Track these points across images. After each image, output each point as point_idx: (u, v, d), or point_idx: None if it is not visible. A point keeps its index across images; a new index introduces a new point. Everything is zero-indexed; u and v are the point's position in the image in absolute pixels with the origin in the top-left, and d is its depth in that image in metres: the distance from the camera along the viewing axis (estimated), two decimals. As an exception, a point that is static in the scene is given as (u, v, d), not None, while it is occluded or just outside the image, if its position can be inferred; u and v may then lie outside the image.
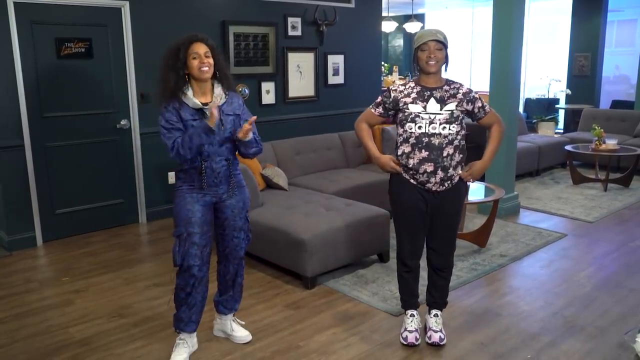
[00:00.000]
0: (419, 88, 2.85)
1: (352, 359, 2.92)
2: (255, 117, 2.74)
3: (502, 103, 5.21)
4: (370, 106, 3.01)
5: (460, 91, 2.87)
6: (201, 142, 2.65)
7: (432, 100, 2.81)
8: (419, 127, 2.79)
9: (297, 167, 5.32)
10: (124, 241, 4.85)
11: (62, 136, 4.79)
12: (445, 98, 2.82)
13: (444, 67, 2.85)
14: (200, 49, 2.68)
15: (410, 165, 2.83)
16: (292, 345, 3.06)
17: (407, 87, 2.89)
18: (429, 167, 2.80)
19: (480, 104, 2.90)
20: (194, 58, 2.66)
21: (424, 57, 2.77)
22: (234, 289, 3.03)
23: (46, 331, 3.25)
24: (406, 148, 2.84)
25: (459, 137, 2.83)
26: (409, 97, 2.84)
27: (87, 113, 4.91)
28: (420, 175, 2.82)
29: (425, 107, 2.80)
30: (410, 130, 2.81)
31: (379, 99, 2.97)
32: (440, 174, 2.81)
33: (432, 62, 2.76)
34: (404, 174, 2.88)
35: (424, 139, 2.79)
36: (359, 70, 6.91)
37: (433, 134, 2.78)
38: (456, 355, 2.94)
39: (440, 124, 2.78)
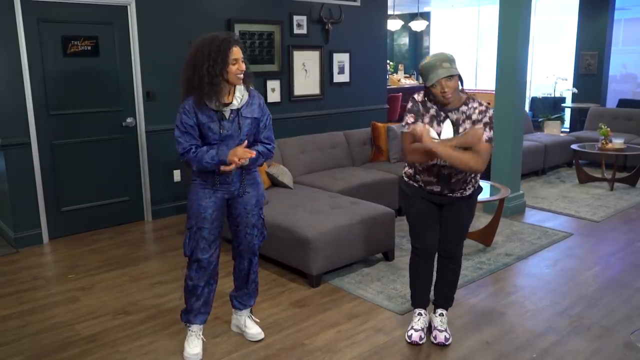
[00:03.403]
0: (435, 108, 2.76)
1: (357, 357, 2.93)
2: (247, 150, 2.67)
3: (508, 102, 5.20)
4: (404, 131, 2.76)
5: (476, 111, 2.74)
6: (211, 169, 2.71)
7: (447, 122, 2.74)
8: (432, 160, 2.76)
9: (302, 166, 5.32)
10: (129, 239, 4.86)
11: (68, 134, 4.81)
12: (461, 121, 2.74)
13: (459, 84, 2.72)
14: (239, 53, 2.63)
15: (420, 180, 2.88)
16: (297, 343, 3.07)
17: (426, 101, 2.78)
18: (436, 188, 2.84)
19: (487, 128, 2.72)
20: (234, 64, 2.61)
21: (437, 92, 2.67)
22: (248, 285, 3.06)
23: (52, 328, 3.27)
24: (419, 165, 2.84)
25: None
26: (427, 116, 2.76)
27: (93, 111, 4.92)
28: (427, 192, 2.88)
29: (439, 133, 2.73)
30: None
31: (410, 118, 2.76)
32: (446, 192, 2.85)
33: (448, 96, 2.67)
34: (412, 180, 2.93)
35: (434, 168, 2.79)
36: (365, 68, 6.90)
37: (444, 166, 2.76)
38: (461, 354, 2.94)
39: None
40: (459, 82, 2.71)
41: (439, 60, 2.66)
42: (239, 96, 2.73)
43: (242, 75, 2.66)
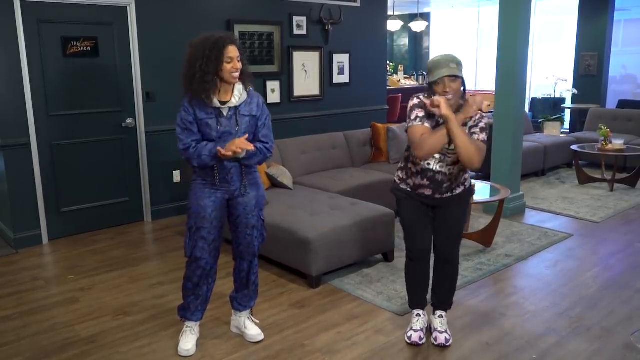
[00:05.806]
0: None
1: (356, 358, 2.92)
2: (247, 142, 2.68)
3: (508, 102, 5.20)
4: (415, 124, 2.72)
5: (474, 119, 2.76)
6: (210, 163, 2.72)
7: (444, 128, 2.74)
8: (428, 164, 2.80)
9: (302, 166, 5.32)
10: (129, 239, 4.86)
11: (68, 134, 4.81)
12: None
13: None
14: (235, 52, 2.67)
15: (410, 184, 2.90)
16: (296, 344, 3.06)
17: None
18: (427, 192, 2.87)
19: (484, 133, 2.75)
20: (228, 62, 2.65)
21: (439, 91, 2.68)
22: (248, 286, 3.06)
23: (52, 329, 3.26)
24: (413, 168, 2.87)
25: (458, 170, 2.84)
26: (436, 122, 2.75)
27: (93, 112, 4.92)
28: (417, 195, 2.90)
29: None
30: (418, 162, 2.81)
31: (420, 112, 2.74)
32: (437, 196, 2.87)
33: (448, 96, 2.67)
34: (404, 184, 2.94)
35: (429, 173, 2.82)
36: (365, 69, 6.90)
37: (439, 172, 2.80)
38: (461, 355, 2.94)
39: (447, 165, 2.80)
40: (462, 87, 2.73)
41: (446, 60, 2.69)
42: (238, 95, 2.76)
43: (237, 74, 2.69)
